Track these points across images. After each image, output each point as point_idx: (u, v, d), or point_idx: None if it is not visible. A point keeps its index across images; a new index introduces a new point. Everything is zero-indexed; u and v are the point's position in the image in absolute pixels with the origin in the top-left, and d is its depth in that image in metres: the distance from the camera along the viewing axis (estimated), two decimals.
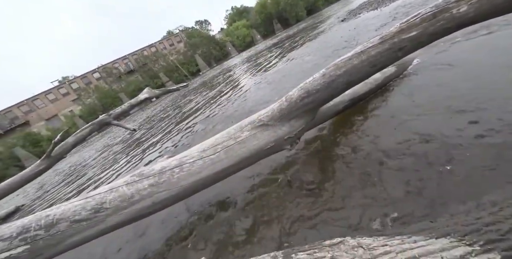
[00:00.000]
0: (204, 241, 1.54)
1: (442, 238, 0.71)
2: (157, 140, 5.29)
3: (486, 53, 2.06)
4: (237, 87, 6.87)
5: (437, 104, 1.72)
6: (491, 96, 1.54)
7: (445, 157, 1.28)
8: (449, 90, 1.81)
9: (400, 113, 1.84)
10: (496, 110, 1.42)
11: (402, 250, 0.70)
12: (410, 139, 1.53)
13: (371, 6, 9.23)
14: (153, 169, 1.46)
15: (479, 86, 1.68)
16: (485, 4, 1.15)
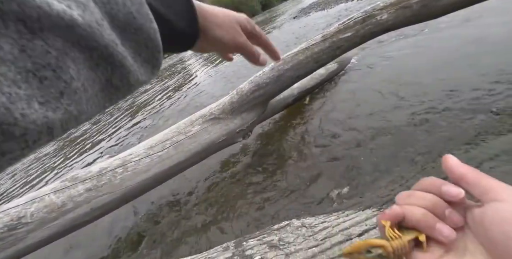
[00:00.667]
0: (156, 243, 1.46)
1: (367, 209, 0.84)
2: (97, 138, 4.68)
3: (402, 55, 2.46)
4: (190, 80, 6.55)
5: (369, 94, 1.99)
6: (411, 91, 1.84)
7: (370, 138, 1.50)
8: (375, 80, 2.12)
9: (341, 103, 2.06)
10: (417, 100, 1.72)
11: (337, 224, 0.80)
12: (352, 126, 1.73)
13: (319, 7, 9.87)
14: (90, 172, 1.30)
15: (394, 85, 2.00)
16: (400, 15, 1.35)
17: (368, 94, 2.04)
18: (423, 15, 1.39)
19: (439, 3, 1.32)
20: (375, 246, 0.23)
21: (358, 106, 1.93)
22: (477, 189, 0.20)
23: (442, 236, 0.20)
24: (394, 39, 2.93)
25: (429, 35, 2.70)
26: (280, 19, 12.22)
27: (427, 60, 2.18)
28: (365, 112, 1.82)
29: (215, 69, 6.48)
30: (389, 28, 1.46)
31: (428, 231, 0.21)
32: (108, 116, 6.87)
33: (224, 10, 0.32)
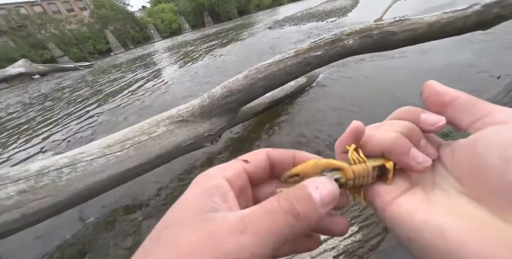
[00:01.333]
0: (104, 254, 1.32)
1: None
2: (38, 131, 4.04)
3: (365, 77, 2.77)
4: (157, 76, 6.20)
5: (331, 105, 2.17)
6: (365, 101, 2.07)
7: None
8: (338, 97, 2.33)
9: (307, 115, 2.20)
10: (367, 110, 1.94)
11: None
12: (311, 133, 1.86)
13: (293, 21, 10.46)
14: (27, 170, 1.12)
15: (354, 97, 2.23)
16: (363, 42, 1.53)
17: (330, 109, 2.23)
18: (381, 45, 1.60)
19: (394, 37, 1.54)
20: (333, 167, 0.19)
21: (323, 118, 2.09)
22: (471, 114, 0.17)
23: (416, 162, 0.18)
24: (364, 61, 3.26)
25: (397, 60, 3.06)
26: (256, 27, 12.55)
27: (383, 84, 2.49)
28: (328, 123, 1.99)
29: (186, 68, 6.27)
30: (354, 52, 1.63)
31: (399, 157, 0.19)
32: (61, 103, 6.00)
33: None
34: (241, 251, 0.14)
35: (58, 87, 9.98)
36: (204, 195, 0.17)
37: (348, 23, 6.51)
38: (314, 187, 0.17)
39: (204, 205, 0.16)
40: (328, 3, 16.55)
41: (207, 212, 0.16)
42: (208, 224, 0.15)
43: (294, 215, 0.15)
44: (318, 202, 0.16)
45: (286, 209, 0.16)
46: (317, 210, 0.16)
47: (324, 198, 0.16)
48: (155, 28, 33.81)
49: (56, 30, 27.67)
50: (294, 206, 0.16)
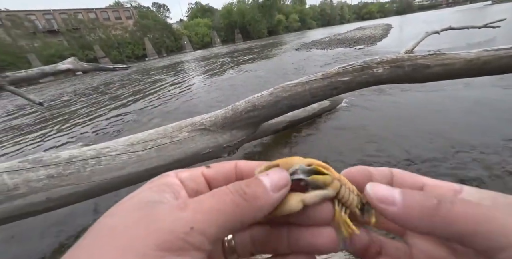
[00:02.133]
0: None
1: (340, 251, 0.86)
2: (73, 122, 4.36)
3: (387, 105, 2.72)
4: (185, 84, 6.53)
5: (354, 134, 2.13)
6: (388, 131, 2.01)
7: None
8: (361, 124, 2.28)
9: (326, 138, 2.16)
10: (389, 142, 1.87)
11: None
12: (326, 158, 1.81)
13: (321, 45, 10.74)
14: (58, 157, 1.20)
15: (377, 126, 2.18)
16: (393, 72, 1.53)
17: (349, 135, 2.18)
18: (412, 77, 1.59)
19: (427, 70, 1.53)
20: (319, 171, 0.18)
21: (340, 144, 2.05)
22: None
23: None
24: (392, 90, 3.22)
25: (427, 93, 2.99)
26: (283, 48, 13.02)
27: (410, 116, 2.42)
28: (346, 149, 1.94)
29: (213, 79, 6.57)
30: (383, 81, 1.63)
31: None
32: (83, 102, 6.50)
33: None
34: (179, 225, 0.13)
35: (97, 84, 10.83)
36: (154, 190, 0.17)
37: (376, 52, 6.57)
38: (265, 175, 0.18)
39: (152, 198, 0.16)
40: (357, 31, 16.91)
41: (153, 202, 0.15)
42: (148, 209, 0.15)
43: (240, 194, 0.16)
44: (268, 186, 0.17)
45: (232, 190, 0.16)
46: (267, 193, 0.16)
47: (274, 183, 0.17)
48: (188, 39, 36.33)
49: (103, 34, 30.75)
50: (242, 188, 0.16)
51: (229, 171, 0.20)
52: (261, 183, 0.17)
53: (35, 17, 30.39)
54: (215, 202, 0.15)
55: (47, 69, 3.63)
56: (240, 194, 0.16)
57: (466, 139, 1.80)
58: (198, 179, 0.19)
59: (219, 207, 0.15)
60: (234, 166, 0.21)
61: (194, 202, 0.15)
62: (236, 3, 41.75)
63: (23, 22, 28.09)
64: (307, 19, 52.38)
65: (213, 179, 0.20)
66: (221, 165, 0.21)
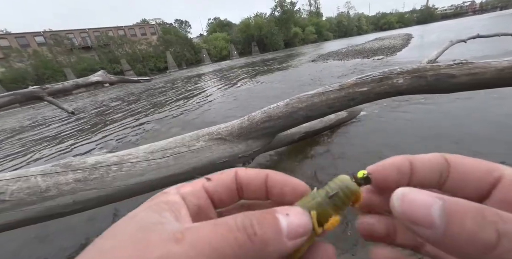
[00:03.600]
0: None
1: None
2: (99, 130, 4.65)
3: (413, 119, 2.61)
4: (203, 95, 6.77)
5: (372, 147, 2.04)
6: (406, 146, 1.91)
7: None
8: (379, 137, 2.19)
9: (343, 150, 2.10)
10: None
11: None
12: (342, 170, 1.74)
13: (337, 56, 10.71)
14: (85, 162, 1.28)
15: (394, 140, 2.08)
16: (414, 83, 1.48)
17: (367, 148, 2.10)
18: (436, 88, 1.52)
19: (453, 80, 1.47)
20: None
21: (357, 156, 1.98)
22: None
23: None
24: (413, 102, 3.10)
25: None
26: (300, 59, 13.14)
27: (430, 130, 2.29)
28: (362, 163, 1.86)
29: (229, 90, 6.75)
30: (403, 92, 1.58)
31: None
32: (109, 112, 6.94)
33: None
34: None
35: (122, 95, 11.55)
36: (153, 209, 0.16)
37: (396, 62, 6.42)
38: (284, 214, 0.15)
39: (150, 219, 0.15)
40: (376, 41, 16.71)
41: (152, 224, 0.14)
42: (145, 234, 0.13)
43: (249, 234, 0.13)
44: (285, 230, 0.14)
45: (240, 226, 0.14)
46: (281, 239, 0.14)
47: (293, 228, 0.14)
48: (207, 52, 38.02)
49: (129, 49, 33.20)
50: (253, 225, 0.14)
51: (230, 182, 0.19)
52: (277, 225, 0.14)
53: (73, 35, 33.83)
54: (215, 237, 0.13)
55: (80, 82, 3.98)
56: (248, 234, 0.14)
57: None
58: (199, 194, 0.18)
59: (218, 245, 0.13)
60: (234, 175, 0.20)
61: (192, 234, 0.13)
62: (253, 17, 43.45)
63: (63, 40, 31.30)
64: (324, 31, 52.89)
65: (214, 192, 0.19)
66: (221, 176, 0.20)
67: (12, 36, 30.21)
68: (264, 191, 0.19)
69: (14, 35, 30.40)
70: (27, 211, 1.07)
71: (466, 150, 1.80)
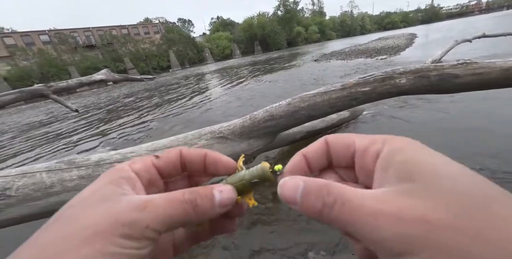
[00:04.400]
0: None
1: None
2: (102, 128, 4.69)
3: (414, 120, 2.59)
4: (205, 94, 6.79)
5: None
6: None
7: None
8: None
9: None
10: None
11: None
12: None
13: (340, 56, 10.66)
14: (89, 159, 1.29)
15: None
16: (417, 83, 1.48)
17: None
18: (439, 88, 1.51)
19: (456, 80, 1.46)
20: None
21: None
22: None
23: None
24: (415, 103, 3.09)
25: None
26: (302, 59, 13.10)
27: (433, 133, 2.28)
28: None
29: (232, 89, 6.76)
30: (406, 92, 1.57)
31: None
32: (112, 110, 6.99)
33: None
34: (137, 223, 0.16)
35: (125, 94, 11.62)
36: (114, 183, 0.19)
37: (399, 62, 6.37)
38: (219, 190, 0.20)
39: (112, 190, 0.18)
40: (379, 41, 16.60)
41: (114, 195, 0.18)
42: (112, 204, 0.17)
43: (193, 206, 0.19)
44: (217, 202, 0.20)
45: (187, 200, 0.19)
46: (214, 208, 0.20)
47: (223, 201, 0.20)
48: (210, 52, 38.04)
49: (133, 48, 33.34)
50: (197, 199, 0.19)
51: (175, 159, 0.23)
52: (213, 199, 0.20)
53: (77, 34, 34.05)
54: (169, 207, 0.18)
55: (84, 80, 4.01)
56: (193, 205, 0.19)
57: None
58: (150, 169, 0.22)
59: (171, 213, 0.18)
60: (178, 154, 0.24)
61: (153, 206, 0.18)
62: (256, 16, 43.36)
63: (68, 38, 31.53)
64: (327, 31, 52.59)
65: (162, 167, 0.23)
66: (168, 155, 0.23)
67: (17, 34, 30.53)
68: (203, 167, 0.24)
69: (20, 33, 30.72)
70: (32, 206, 1.09)
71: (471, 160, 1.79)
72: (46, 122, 7.09)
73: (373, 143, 0.19)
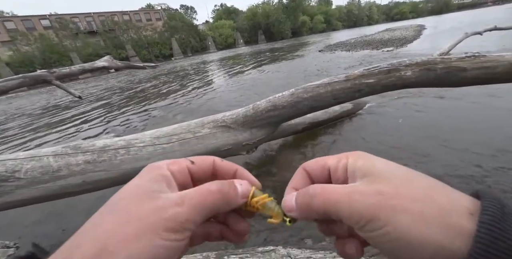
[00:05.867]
0: None
1: None
2: (106, 115, 4.71)
3: (418, 113, 2.57)
4: (208, 83, 6.73)
5: (376, 140, 2.05)
6: (409, 141, 1.91)
7: None
8: (384, 130, 2.18)
9: (346, 143, 2.11)
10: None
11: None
12: None
13: (345, 47, 10.43)
14: (94, 145, 1.32)
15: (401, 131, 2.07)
16: (423, 75, 1.46)
17: (371, 141, 2.10)
18: (445, 81, 1.50)
19: (463, 74, 1.44)
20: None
21: (362, 148, 1.99)
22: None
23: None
24: (425, 95, 3.04)
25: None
26: (306, 49, 12.84)
27: (436, 126, 2.27)
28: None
29: (235, 78, 6.69)
30: (411, 84, 1.56)
31: None
32: (115, 98, 6.98)
33: None
34: (178, 217, 0.19)
35: (127, 81, 11.55)
36: (153, 180, 0.21)
37: (406, 54, 6.23)
38: (239, 183, 0.24)
39: (153, 187, 0.21)
40: (386, 32, 16.14)
41: (155, 192, 0.20)
42: (154, 200, 0.20)
43: (222, 194, 0.22)
44: (240, 192, 0.23)
45: (217, 190, 0.22)
46: (238, 197, 0.23)
47: (244, 191, 0.24)
48: (213, 40, 37.24)
49: (135, 35, 32.70)
50: (225, 189, 0.22)
51: (208, 168, 0.26)
52: (236, 189, 0.23)
53: (78, 19, 33.34)
54: (203, 199, 0.21)
55: (87, 66, 3.98)
56: (223, 194, 0.22)
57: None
58: (184, 172, 0.24)
59: (206, 204, 0.21)
60: (212, 163, 0.26)
61: (188, 199, 0.20)
62: (261, 4, 42.03)
63: (69, 24, 30.91)
64: (333, 20, 51.04)
65: (195, 173, 0.25)
66: (202, 163, 0.26)
67: (18, 18, 29.94)
68: (231, 179, 0.26)
69: (20, 17, 30.11)
70: (41, 189, 1.12)
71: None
72: (50, 109, 7.12)
73: (340, 160, 0.24)
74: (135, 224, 0.18)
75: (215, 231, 0.26)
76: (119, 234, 0.17)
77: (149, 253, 0.17)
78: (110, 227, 0.18)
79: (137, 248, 0.17)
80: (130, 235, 0.17)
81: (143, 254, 0.17)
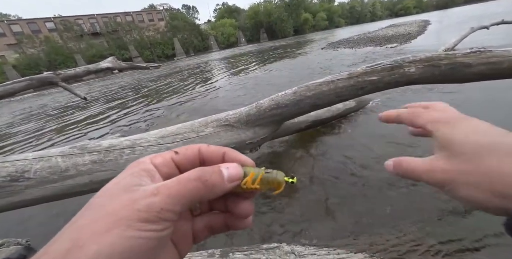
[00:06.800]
0: None
1: (359, 253, 0.85)
2: (110, 116, 4.77)
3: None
4: (211, 82, 6.75)
5: (380, 138, 2.03)
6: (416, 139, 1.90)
7: (385, 183, 1.52)
8: (387, 128, 2.17)
9: (351, 142, 2.10)
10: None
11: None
12: (347, 162, 1.76)
13: (348, 44, 10.33)
14: (100, 145, 1.34)
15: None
16: (427, 72, 1.44)
17: (375, 139, 2.08)
18: (450, 77, 1.48)
19: (468, 69, 1.42)
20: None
21: (363, 149, 1.98)
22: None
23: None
24: (431, 90, 3.00)
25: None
26: (309, 47, 12.75)
27: None
28: (368, 155, 1.86)
29: (237, 77, 6.70)
30: (415, 81, 1.54)
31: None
32: (120, 98, 7.05)
33: None
34: (151, 207, 0.18)
35: (131, 82, 11.65)
36: (134, 175, 0.21)
37: (410, 51, 6.15)
38: (225, 167, 0.22)
39: (132, 181, 0.20)
40: (390, 28, 15.93)
41: (133, 185, 0.20)
42: (130, 193, 0.19)
43: (202, 181, 0.20)
44: (226, 177, 0.22)
45: (195, 177, 0.20)
46: (223, 182, 0.21)
47: (231, 175, 0.22)
48: (215, 39, 37.23)
49: (137, 35, 32.90)
50: (205, 175, 0.21)
51: (194, 156, 0.25)
52: (221, 174, 0.22)
53: (82, 21, 33.70)
54: (181, 188, 0.20)
55: (91, 68, 4.04)
56: (202, 181, 0.21)
57: None
58: (169, 164, 0.23)
59: (183, 193, 0.20)
60: (197, 151, 0.25)
61: (164, 188, 0.19)
62: (263, 2, 41.82)
63: (73, 26, 31.28)
64: (335, 17, 50.50)
65: (181, 163, 0.24)
66: (187, 152, 0.25)
67: (23, 21, 30.41)
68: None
69: (26, 20, 30.58)
70: (49, 188, 1.15)
71: None
72: (54, 111, 7.24)
73: (426, 123, 0.30)
74: (107, 218, 0.18)
75: (218, 223, 0.25)
76: (91, 229, 0.17)
77: (122, 245, 0.17)
78: (84, 223, 0.18)
79: (107, 241, 0.17)
80: (101, 229, 0.17)
81: (116, 246, 0.17)
